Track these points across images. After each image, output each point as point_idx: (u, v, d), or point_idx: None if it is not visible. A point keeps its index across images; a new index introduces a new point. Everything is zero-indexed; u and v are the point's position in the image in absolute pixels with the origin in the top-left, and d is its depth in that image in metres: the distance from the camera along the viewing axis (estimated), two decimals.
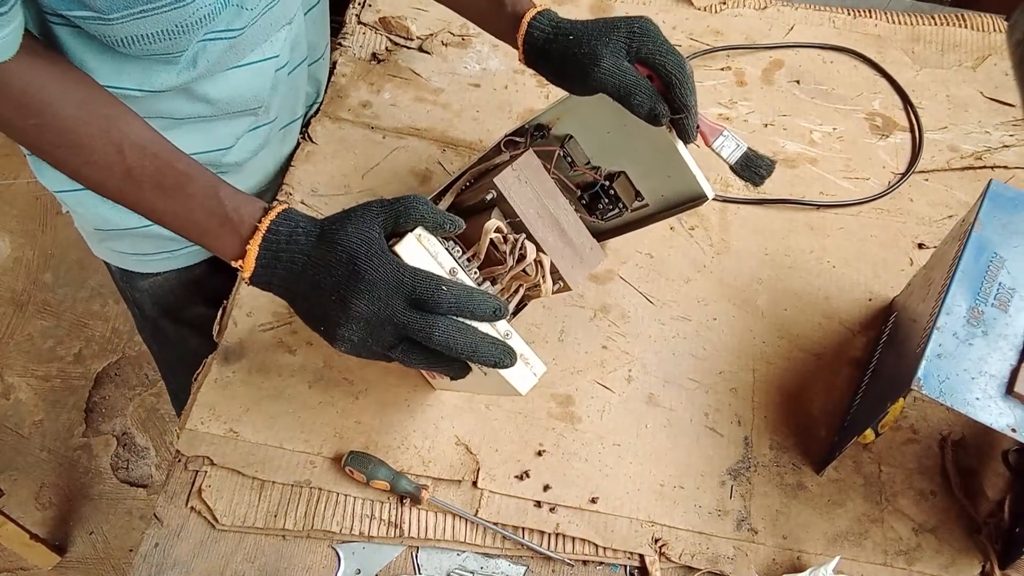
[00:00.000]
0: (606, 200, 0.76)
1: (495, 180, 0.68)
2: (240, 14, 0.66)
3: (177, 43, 0.62)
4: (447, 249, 0.59)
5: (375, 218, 0.57)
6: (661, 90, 0.64)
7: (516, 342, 0.58)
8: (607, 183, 0.75)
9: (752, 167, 0.73)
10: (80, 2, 0.56)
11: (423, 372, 0.76)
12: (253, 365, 0.78)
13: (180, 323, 0.99)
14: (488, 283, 0.67)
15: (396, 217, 0.57)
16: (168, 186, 0.59)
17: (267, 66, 0.76)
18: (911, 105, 1.02)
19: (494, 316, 0.56)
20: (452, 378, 0.59)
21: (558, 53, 0.68)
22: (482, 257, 0.67)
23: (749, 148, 0.72)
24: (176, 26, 0.60)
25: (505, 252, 0.67)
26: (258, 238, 0.58)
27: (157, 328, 1.05)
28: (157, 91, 0.68)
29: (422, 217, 0.57)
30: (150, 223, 0.85)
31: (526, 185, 0.70)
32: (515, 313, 0.77)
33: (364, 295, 0.54)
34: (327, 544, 0.71)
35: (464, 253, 0.67)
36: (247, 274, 0.58)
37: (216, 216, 0.59)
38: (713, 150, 0.71)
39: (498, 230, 0.67)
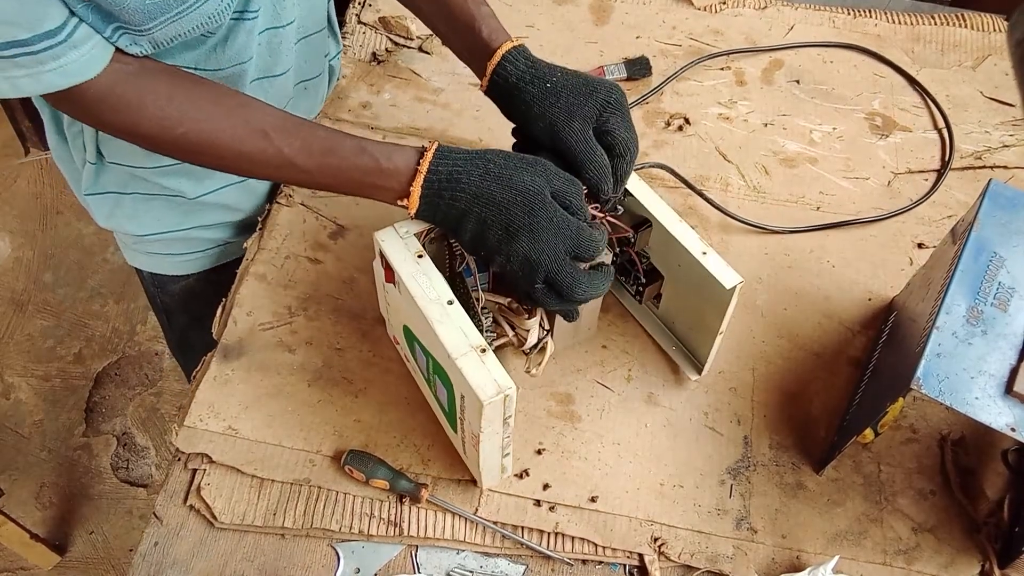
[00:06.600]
0: (630, 281, 0.80)
1: None
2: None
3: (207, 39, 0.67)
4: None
5: (550, 176, 0.64)
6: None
7: (489, 359, 0.60)
8: (644, 280, 0.78)
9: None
10: (112, 16, 0.57)
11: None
12: (252, 363, 0.78)
13: (208, 331, 1.00)
14: (483, 306, 0.69)
15: (564, 192, 0.64)
16: (319, 153, 0.65)
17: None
18: (934, 102, 1.02)
19: (592, 257, 0.66)
20: (566, 317, 0.69)
21: (529, 95, 0.68)
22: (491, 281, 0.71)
23: None
24: (208, 18, 0.63)
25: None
26: (420, 179, 0.64)
27: (184, 338, 1.05)
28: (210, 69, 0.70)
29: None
30: (186, 226, 0.87)
31: None
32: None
33: (528, 236, 0.62)
34: (326, 543, 0.71)
35: (479, 272, 0.69)
36: (412, 211, 0.65)
37: (372, 171, 0.65)
38: None
39: None
